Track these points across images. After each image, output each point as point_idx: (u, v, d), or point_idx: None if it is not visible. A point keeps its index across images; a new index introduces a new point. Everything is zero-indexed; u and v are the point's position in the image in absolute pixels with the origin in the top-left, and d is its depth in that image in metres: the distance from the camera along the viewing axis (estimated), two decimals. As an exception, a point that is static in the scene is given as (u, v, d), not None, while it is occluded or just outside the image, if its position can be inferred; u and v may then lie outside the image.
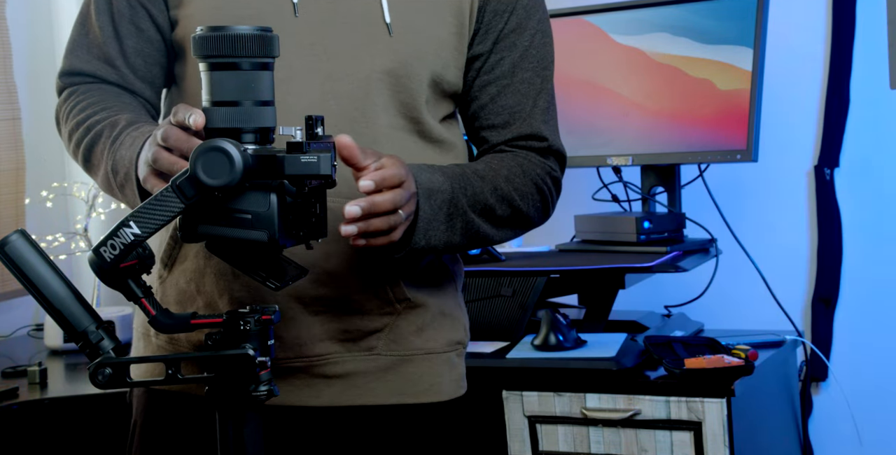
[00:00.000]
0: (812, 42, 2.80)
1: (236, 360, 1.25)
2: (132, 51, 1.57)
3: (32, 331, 3.15)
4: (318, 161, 1.19)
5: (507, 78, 1.61)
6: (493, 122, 1.62)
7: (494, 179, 1.55)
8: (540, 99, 1.64)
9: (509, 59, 1.60)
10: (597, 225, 2.68)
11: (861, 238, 2.77)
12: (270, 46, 1.24)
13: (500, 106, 1.61)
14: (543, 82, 1.64)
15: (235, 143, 1.20)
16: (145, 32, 1.57)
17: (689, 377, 2.19)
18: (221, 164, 1.19)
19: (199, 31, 1.24)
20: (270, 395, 1.28)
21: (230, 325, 1.26)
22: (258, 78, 1.24)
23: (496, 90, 1.61)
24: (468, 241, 1.52)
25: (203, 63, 1.24)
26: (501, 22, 1.59)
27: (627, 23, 2.72)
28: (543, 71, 1.64)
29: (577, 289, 2.66)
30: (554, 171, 1.65)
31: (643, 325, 2.58)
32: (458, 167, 1.53)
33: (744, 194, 2.84)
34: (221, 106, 1.23)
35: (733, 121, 2.55)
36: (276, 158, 1.20)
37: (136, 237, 1.21)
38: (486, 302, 2.50)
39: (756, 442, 2.35)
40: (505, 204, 1.55)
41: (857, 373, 2.76)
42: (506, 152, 1.62)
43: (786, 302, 2.75)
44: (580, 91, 2.76)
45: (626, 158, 2.67)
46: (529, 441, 2.31)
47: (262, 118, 1.24)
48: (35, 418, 2.42)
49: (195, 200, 1.20)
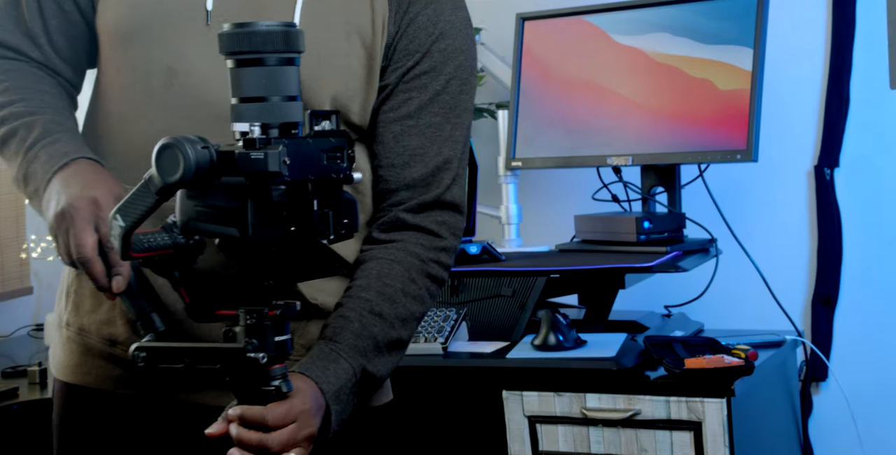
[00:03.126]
0: (812, 42, 2.80)
1: (230, 354, 1.27)
2: (55, 30, 1.56)
3: (32, 331, 3.15)
4: (266, 158, 1.19)
5: (413, 119, 1.55)
6: (393, 162, 1.56)
7: (391, 308, 1.51)
8: (445, 146, 1.57)
9: (417, 100, 1.55)
10: (597, 225, 2.68)
11: (861, 238, 2.77)
12: (296, 41, 1.24)
13: (402, 146, 1.56)
14: (453, 130, 1.58)
15: (195, 140, 1.20)
16: (69, 14, 1.56)
17: (689, 377, 2.19)
18: (174, 162, 1.20)
19: (224, 28, 1.24)
20: (279, 390, 1.29)
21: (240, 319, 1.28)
22: (284, 73, 1.24)
23: (400, 129, 1.56)
24: (393, 365, 1.53)
25: (230, 60, 1.24)
26: (411, 61, 1.55)
27: (627, 23, 2.72)
28: (455, 118, 1.58)
29: (577, 289, 2.66)
30: (440, 258, 1.58)
31: (643, 325, 2.57)
32: (356, 318, 1.49)
33: (744, 194, 2.84)
34: (248, 102, 1.23)
35: (733, 121, 2.55)
36: (232, 155, 1.20)
37: (123, 229, 1.25)
38: (486, 302, 2.50)
39: (756, 442, 2.35)
40: (406, 324, 1.53)
41: (857, 373, 2.76)
42: (388, 260, 1.55)
43: (786, 302, 2.75)
44: (580, 91, 2.76)
45: (626, 158, 2.67)
46: (529, 441, 2.31)
47: (289, 113, 1.24)
48: (35, 418, 2.42)
49: (167, 193, 1.22)
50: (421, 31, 1.55)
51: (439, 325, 2.42)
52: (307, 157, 1.23)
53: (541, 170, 2.91)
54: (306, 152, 1.23)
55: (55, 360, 1.64)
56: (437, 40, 1.56)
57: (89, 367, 1.58)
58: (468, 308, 2.50)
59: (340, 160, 1.25)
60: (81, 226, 1.36)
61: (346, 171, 1.25)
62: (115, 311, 1.55)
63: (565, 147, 2.76)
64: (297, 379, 1.38)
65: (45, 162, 1.45)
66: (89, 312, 1.58)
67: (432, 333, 2.40)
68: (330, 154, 1.25)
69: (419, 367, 2.37)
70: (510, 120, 2.83)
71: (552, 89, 2.80)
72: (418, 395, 2.51)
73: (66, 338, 1.61)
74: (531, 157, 2.80)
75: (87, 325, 1.58)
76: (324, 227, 1.26)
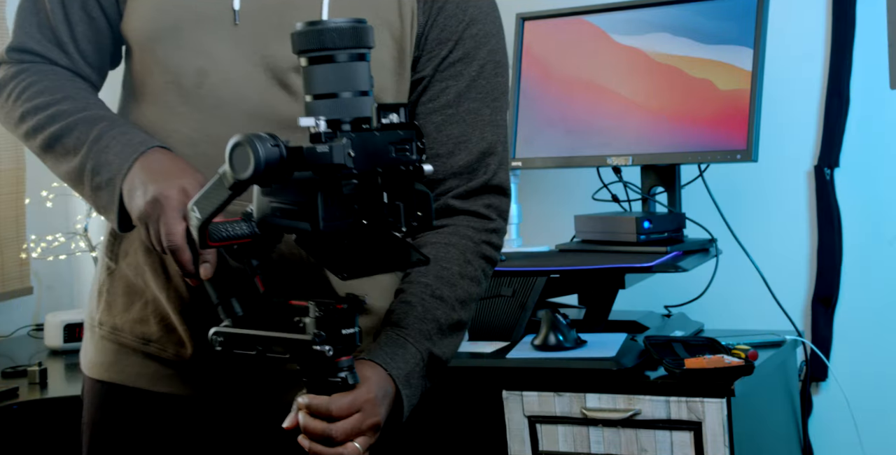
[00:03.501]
0: (812, 42, 2.80)
1: (298, 345, 1.30)
2: (82, 37, 1.57)
3: (32, 331, 3.15)
4: (331, 151, 1.20)
5: (453, 107, 1.58)
6: (438, 151, 1.58)
7: (451, 291, 1.54)
8: (487, 131, 1.59)
9: (455, 88, 1.57)
10: (597, 225, 2.68)
11: (861, 238, 2.77)
12: (365, 37, 1.25)
13: (446, 135, 1.58)
14: (493, 114, 1.60)
15: (265, 137, 1.22)
16: (96, 21, 1.57)
17: (689, 377, 2.19)
18: (245, 159, 1.22)
19: (297, 28, 1.25)
20: (345, 382, 1.31)
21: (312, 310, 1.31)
22: (354, 69, 1.25)
23: (441, 119, 1.58)
24: (456, 346, 1.57)
25: (302, 58, 1.26)
26: (445, 50, 1.57)
27: (627, 23, 2.72)
28: (493, 102, 1.60)
29: (577, 289, 2.66)
30: (491, 239, 1.62)
31: (643, 325, 2.57)
32: (418, 303, 1.52)
33: (744, 194, 2.84)
34: (320, 98, 1.25)
35: (733, 121, 2.55)
36: (301, 150, 1.22)
37: (199, 220, 1.30)
38: (486, 302, 2.50)
39: (756, 442, 2.35)
40: (466, 306, 1.57)
41: (857, 373, 2.76)
42: (443, 244, 1.58)
43: (786, 302, 2.75)
44: (580, 91, 2.76)
45: (626, 158, 2.67)
46: (529, 441, 2.31)
47: (360, 108, 1.26)
48: (35, 418, 2.42)
49: (239, 188, 1.25)
50: (451, 18, 1.57)
51: (439, 325, 2.42)
52: (374, 150, 1.23)
53: (541, 170, 2.91)
54: (373, 145, 1.23)
55: (87, 359, 1.65)
56: (467, 27, 1.58)
57: (123, 364, 1.59)
58: (468, 308, 2.50)
59: (409, 152, 1.26)
60: (172, 214, 1.37)
61: (416, 162, 1.26)
62: (148, 310, 1.57)
63: (565, 147, 2.76)
64: (364, 366, 1.40)
65: (119, 152, 1.45)
66: (122, 312, 1.59)
67: (432, 333, 2.40)
68: (398, 146, 1.25)
69: (419, 367, 2.37)
70: (510, 120, 2.83)
71: (552, 89, 2.80)
72: (418, 395, 2.51)
73: (98, 337, 1.62)
74: (531, 157, 2.80)
75: (120, 324, 1.59)
76: (395, 219, 1.26)
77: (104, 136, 1.48)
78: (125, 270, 1.59)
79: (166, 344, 1.56)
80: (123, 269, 1.59)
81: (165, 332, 1.56)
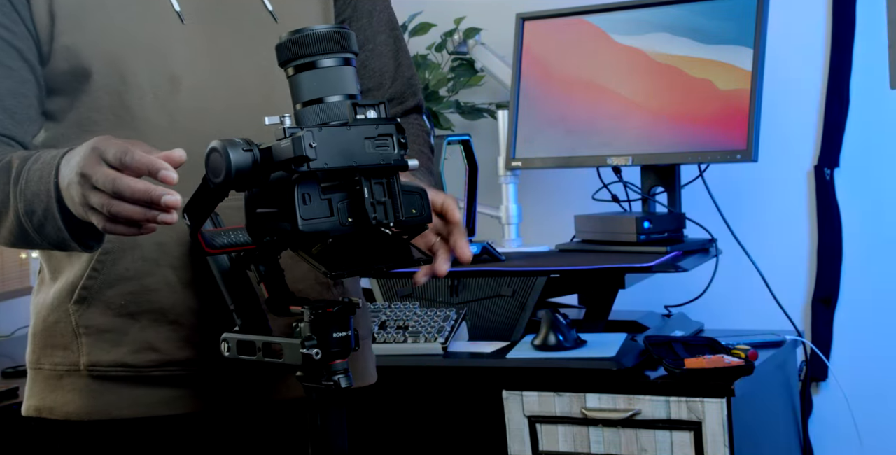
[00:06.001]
0: (812, 42, 2.80)
1: (288, 349, 1.30)
2: (7, 93, 1.46)
3: (32, 331, 3.14)
4: (292, 143, 1.20)
5: (371, 43, 1.69)
6: (368, 86, 1.69)
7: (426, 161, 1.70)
8: (400, 56, 1.73)
9: (368, 26, 1.69)
10: (597, 225, 2.68)
11: (861, 238, 2.77)
12: (348, 42, 1.26)
13: (371, 70, 1.69)
14: (396, 42, 1.73)
15: (238, 142, 1.21)
16: (17, 72, 1.46)
17: (689, 377, 2.19)
18: (218, 164, 1.21)
19: (281, 39, 1.26)
20: (338, 385, 1.30)
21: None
22: (339, 73, 1.25)
23: (364, 56, 1.68)
24: None
25: (289, 68, 1.26)
26: None
27: (627, 23, 2.72)
28: (393, 31, 1.73)
29: (577, 289, 2.66)
30: (426, 128, 1.78)
31: (643, 325, 2.58)
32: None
33: (744, 194, 2.84)
34: (309, 105, 1.25)
35: (733, 121, 2.55)
36: (270, 149, 1.21)
37: (190, 227, 1.31)
38: (486, 302, 2.50)
39: (756, 442, 2.35)
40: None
41: (857, 373, 2.76)
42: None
43: (786, 302, 2.75)
44: (580, 91, 2.76)
45: (626, 158, 2.67)
46: (529, 441, 2.31)
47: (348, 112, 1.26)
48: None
49: (219, 193, 1.25)
50: None
51: (439, 325, 2.42)
52: (348, 145, 1.22)
53: (541, 170, 2.91)
54: (346, 140, 1.22)
55: (72, 409, 1.58)
56: None
57: (133, 397, 1.53)
58: (468, 308, 2.51)
59: (390, 147, 1.24)
60: (115, 148, 1.23)
61: (398, 157, 1.24)
62: (149, 333, 1.51)
63: (565, 147, 2.76)
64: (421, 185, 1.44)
65: (38, 180, 1.34)
66: (113, 347, 1.52)
67: (432, 333, 2.40)
68: (376, 141, 1.23)
69: (419, 367, 2.38)
70: (510, 120, 2.83)
71: (552, 89, 2.80)
72: (418, 395, 2.52)
73: (84, 383, 1.55)
74: (531, 157, 2.80)
75: (120, 359, 1.52)
76: (380, 216, 1.24)
77: (21, 174, 1.36)
78: (106, 303, 1.51)
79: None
80: (101, 304, 1.51)
81: (176, 349, 1.51)
